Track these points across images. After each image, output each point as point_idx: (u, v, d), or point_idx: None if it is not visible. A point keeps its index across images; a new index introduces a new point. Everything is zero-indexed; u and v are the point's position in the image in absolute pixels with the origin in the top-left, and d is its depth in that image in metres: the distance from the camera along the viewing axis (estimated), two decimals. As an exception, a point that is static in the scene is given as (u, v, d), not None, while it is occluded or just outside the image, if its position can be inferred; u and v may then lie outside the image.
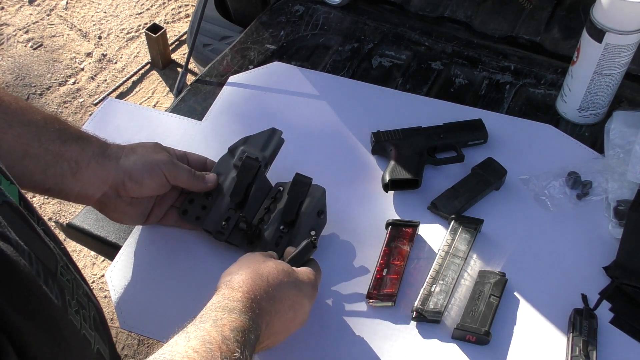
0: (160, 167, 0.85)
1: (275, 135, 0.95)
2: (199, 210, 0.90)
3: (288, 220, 0.88)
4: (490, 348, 0.83)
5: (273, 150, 0.94)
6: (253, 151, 0.92)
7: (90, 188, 0.82)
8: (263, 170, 0.92)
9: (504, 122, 1.08)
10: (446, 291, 0.86)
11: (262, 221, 0.90)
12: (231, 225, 0.89)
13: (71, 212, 1.99)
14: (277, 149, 0.95)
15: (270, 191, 0.92)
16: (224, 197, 0.90)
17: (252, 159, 0.91)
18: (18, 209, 0.53)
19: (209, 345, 0.60)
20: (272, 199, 0.91)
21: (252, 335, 0.66)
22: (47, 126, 0.79)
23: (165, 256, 0.92)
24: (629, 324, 0.85)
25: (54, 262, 0.58)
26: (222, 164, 0.93)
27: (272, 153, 0.94)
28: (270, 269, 0.74)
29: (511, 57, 1.21)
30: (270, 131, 0.95)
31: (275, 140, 0.94)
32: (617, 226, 0.93)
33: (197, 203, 0.91)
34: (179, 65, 2.39)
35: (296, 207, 0.89)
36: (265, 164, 0.92)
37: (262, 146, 0.93)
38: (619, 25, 0.97)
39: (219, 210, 0.90)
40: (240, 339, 0.63)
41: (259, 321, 0.68)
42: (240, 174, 0.90)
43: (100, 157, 0.82)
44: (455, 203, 0.95)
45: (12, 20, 2.54)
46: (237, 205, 0.90)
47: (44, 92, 2.31)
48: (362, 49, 1.24)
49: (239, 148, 0.93)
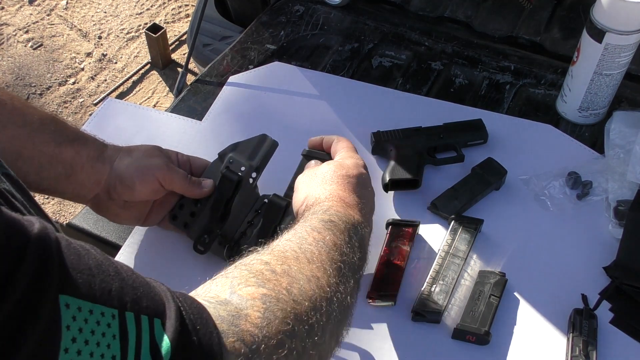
0: (153, 171, 0.83)
1: (266, 141, 0.90)
2: (187, 217, 0.89)
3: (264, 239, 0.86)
4: (490, 348, 0.83)
5: (262, 158, 0.89)
6: (240, 159, 0.88)
7: (83, 189, 0.82)
8: (249, 181, 0.88)
9: (504, 122, 1.08)
10: (446, 291, 0.86)
11: (244, 235, 0.87)
12: (211, 240, 0.87)
13: (71, 212, 1.99)
14: (268, 156, 0.90)
15: (256, 203, 0.89)
16: (208, 210, 0.88)
17: (232, 172, 0.87)
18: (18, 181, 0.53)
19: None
20: (256, 213, 0.88)
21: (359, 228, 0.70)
22: (42, 127, 0.78)
23: (166, 256, 0.92)
24: (629, 324, 0.85)
25: None
26: (213, 170, 0.90)
27: (261, 161, 0.89)
28: (324, 169, 0.78)
29: (511, 57, 1.21)
30: (260, 137, 0.90)
31: (266, 147, 0.90)
32: (617, 226, 0.93)
33: (187, 209, 0.89)
34: (179, 65, 2.40)
35: (271, 229, 0.85)
36: (256, 170, 0.88)
37: (250, 154, 0.89)
38: (619, 26, 0.97)
39: (203, 221, 0.88)
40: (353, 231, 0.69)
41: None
42: (219, 189, 0.87)
43: (95, 160, 0.81)
44: (455, 203, 0.95)
45: (12, 20, 2.54)
46: (220, 218, 0.87)
47: (44, 92, 2.31)
48: (362, 49, 1.24)
49: (228, 155, 0.89)
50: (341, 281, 0.61)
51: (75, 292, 0.38)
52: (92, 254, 0.42)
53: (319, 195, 0.74)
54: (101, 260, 0.42)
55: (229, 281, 0.54)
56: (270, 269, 0.57)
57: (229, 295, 0.52)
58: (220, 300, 0.51)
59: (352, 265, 0.65)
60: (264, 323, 0.51)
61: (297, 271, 0.58)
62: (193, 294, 0.52)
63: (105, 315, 0.39)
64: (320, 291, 0.58)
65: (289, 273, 0.57)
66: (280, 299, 0.54)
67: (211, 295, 0.52)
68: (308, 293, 0.56)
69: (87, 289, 0.39)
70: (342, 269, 0.63)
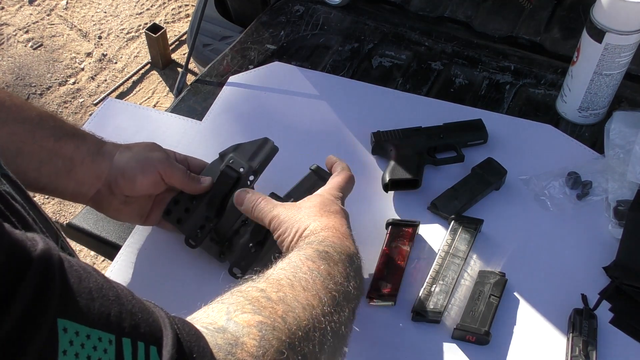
0: (155, 164, 0.83)
1: (267, 145, 0.91)
2: (182, 213, 0.89)
3: (255, 241, 0.85)
4: (490, 348, 0.83)
5: (262, 161, 0.90)
6: (240, 160, 0.89)
7: (84, 186, 0.82)
8: (247, 181, 0.88)
9: (504, 122, 1.08)
10: (446, 291, 0.86)
11: (237, 234, 0.88)
12: (204, 235, 0.87)
13: (71, 212, 1.99)
14: (268, 160, 0.91)
15: None
16: (204, 205, 0.88)
17: (232, 169, 0.88)
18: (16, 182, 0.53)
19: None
20: None
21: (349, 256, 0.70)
22: (41, 123, 0.78)
23: (166, 256, 0.92)
24: (629, 324, 0.85)
25: (54, 235, 0.57)
26: (212, 169, 0.90)
27: (260, 163, 0.90)
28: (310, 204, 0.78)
29: (511, 57, 1.21)
30: (262, 141, 0.91)
31: (266, 150, 0.90)
32: (617, 226, 0.93)
33: (182, 205, 0.89)
34: (179, 65, 2.40)
35: (264, 229, 0.84)
36: (254, 173, 0.89)
37: (250, 156, 0.90)
38: (619, 26, 0.97)
39: (197, 216, 0.88)
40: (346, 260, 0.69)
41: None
42: (217, 184, 0.88)
43: (95, 154, 0.81)
44: (455, 203, 0.95)
45: (12, 20, 2.54)
46: (215, 214, 0.88)
47: (44, 92, 2.31)
48: (362, 49, 1.24)
49: (229, 154, 0.90)
50: (336, 310, 0.61)
51: (74, 316, 0.38)
52: (93, 277, 0.42)
53: (314, 227, 0.73)
54: (102, 283, 0.42)
55: (225, 307, 0.54)
56: (266, 296, 0.57)
57: (225, 322, 0.52)
58: (218, 328, 0.51)
59: (347, 294, 0.65)
60: (259, 352, 0.51)
61: (292, 299, 0.58)
62: (190, 319, 0.51)
63: (102, 341, 0.39)
64: (314, 320, 0.58)
65: (284, 300, 0.57)
66: (276, 327, 0.54)
67: (209, 322, 0.52)
68: (303, 322, 0.56)
69: (86, 313, 0.39)
70: (337, 298, 0.63)
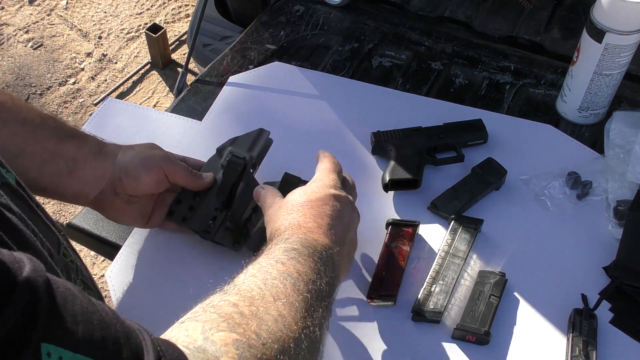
0: (158, 162, 0.84)
1: (263, 135, 0.93)
2: (186, 211, 0.89)
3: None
4: (490, 348, 0.83)
5: (260, 151, 0.92)
6: (240, 151, 0.91)
7: (87, 186, 0.82)
8: (250, 170, 0.90)
9: (504, 122, 1.08)
10: (446, 291, 0.86)
11: (249, 221, 0.88)
12: (217, 225, 0.88)
13: (71, 212, 1.99)
14: (265, 149, 0.93)
15: None
16: (211, 198, 0.89)
17: (237, 157, 0.89)
18: (17, 190, 0.53)
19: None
20: None
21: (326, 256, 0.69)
22: (43, 124, 0.78)
23: (166, 256, 0.92)
24: (629, 324, 0.85)
25: (55, 243, 0.57)
26: (210, 165, 0.92)
27: (259, 153, 0.92)
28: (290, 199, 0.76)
29: (511, 57, 1.21)
30: (258, 131, 0.93)
31: (263, 140, 0.93)
32: (617, 226, 0.93)
33: (185, 204, 0.89)
34: (179, 65, 2.40)
35: None
36: (253, 163, 0.91)
37: (249, 146, 0.92)
38: (619, 26, 0.97)
39: (206, 210, 0.89)
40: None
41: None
42: (226, 173, 0.89)
43: (98, 154, 0.82)
44: (455, 203, 0.95)
45: (12, 20, 2.54)
46: (224, 205, 0.88)
47: (44, 92, 2.31)
48: (362, 49, 1.24)
49: (227, 149, 0.92)
50: (309, 314, 0.61)
51: (59, 340, 0.38)
52: (79, 299, 0.42)
53: (279, 226, 0.73)
54: (86, 306, 0.42)
55: (200, 325, 0.54)
56: (239, 312, 0.57)
57: (202, 341, 0.52)
58: (197, 347, 0.51)
59: (319, 292, 0.65)
60: None
61: (264, 312, 0.58)
62: (169, 338, 0.52)
63: None
64: (287, 331, 0.58)
65: (256, 314, 0.57)
66: (252, 344, 0.54)
67: (189, 341, 0.52)
68: (276, 335, 0.57)
69: (70, 338, 0.39)
70: (309, 300, 0.62)
